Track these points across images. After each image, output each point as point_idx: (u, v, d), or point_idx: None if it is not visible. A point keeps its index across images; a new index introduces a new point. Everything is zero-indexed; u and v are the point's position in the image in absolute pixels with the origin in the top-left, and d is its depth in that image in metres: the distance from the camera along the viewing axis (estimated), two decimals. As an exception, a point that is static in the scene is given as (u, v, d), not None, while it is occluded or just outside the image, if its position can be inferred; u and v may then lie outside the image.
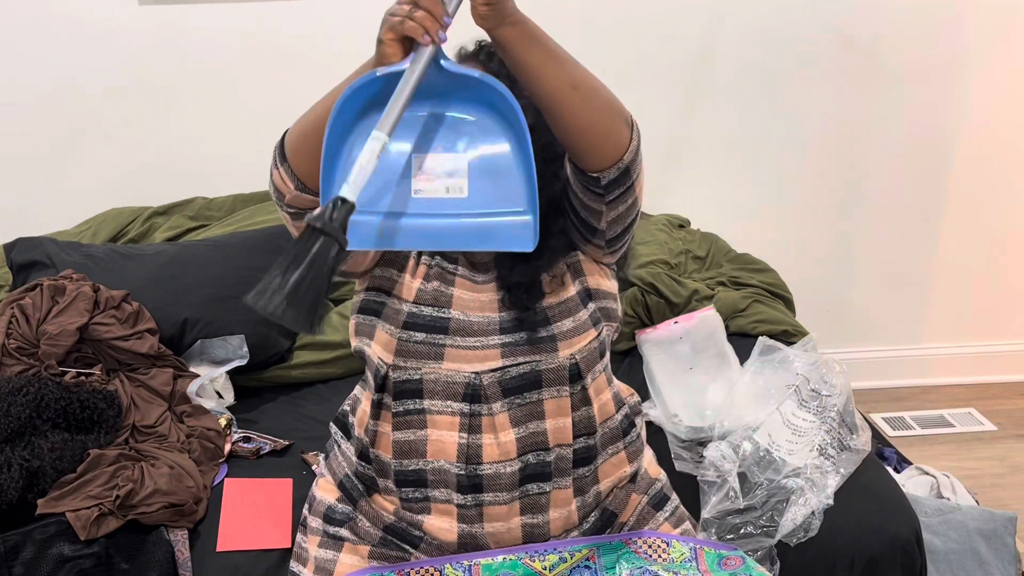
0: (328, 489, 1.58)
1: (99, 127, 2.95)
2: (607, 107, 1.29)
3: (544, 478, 1.46)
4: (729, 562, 1.52)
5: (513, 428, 1.43)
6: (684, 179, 3.18)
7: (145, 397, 2.07)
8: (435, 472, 1.45)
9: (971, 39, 3.15)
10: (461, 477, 1.44)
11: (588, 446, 1.50)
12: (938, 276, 3.43)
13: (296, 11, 2.91)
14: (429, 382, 1.44)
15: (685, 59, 3.06)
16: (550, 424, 1.45)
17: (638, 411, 1.65)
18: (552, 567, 1.45)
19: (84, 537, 1.68)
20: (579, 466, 1.49)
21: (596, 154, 1.30)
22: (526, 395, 1.44)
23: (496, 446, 1.43)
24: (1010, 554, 2.20)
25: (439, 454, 1.44)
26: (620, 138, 1.30)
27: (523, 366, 1.44)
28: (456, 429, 1.43)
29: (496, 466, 1.43)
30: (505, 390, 1.43)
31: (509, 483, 1.44)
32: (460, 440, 1.43)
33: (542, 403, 1.45)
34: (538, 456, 1.45)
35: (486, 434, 1.44)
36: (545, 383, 1.45)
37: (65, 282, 2.21)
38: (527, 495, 1.46)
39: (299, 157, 1.35)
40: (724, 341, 2.25)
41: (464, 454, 1.43)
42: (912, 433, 3.18)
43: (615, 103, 1.30)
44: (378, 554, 1.49)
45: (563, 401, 1.46)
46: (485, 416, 1.44)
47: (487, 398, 1.43)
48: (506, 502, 1.45)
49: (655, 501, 1.60)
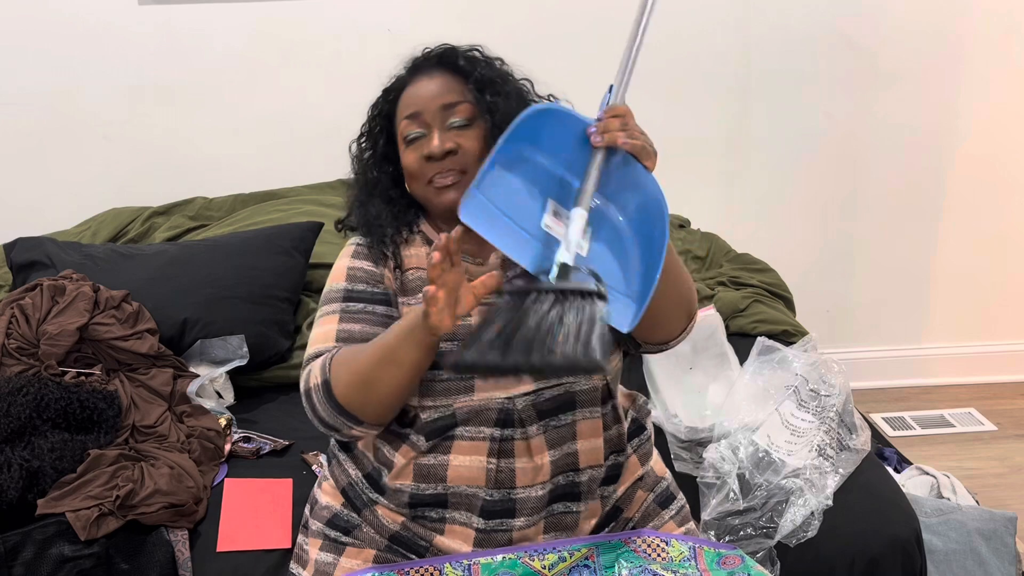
0: (332, 494, 1.57)
1: (99, 127, 2.96)
2: (679, 299, 1.43)
3: (573, 498, 1.47)
4: (728, 561, 1.52)
5: (549, 450, 1.43)
6: (684, 179, 3.17)
7: (145, 397, 2.07)
8: (457, 496, 1.44)
9: (971, 39, 3.15)
10: (490, 503, 1.43)
11: (618, 463, 1.52)
12: (938, 276, 3.43)
13: (296, 11, 2.92)
14: (462, 414, 1.43)
15: (685, 59, 3.07)
16: (582, 445, 1.46)
17: (647, 412, 1.65)
18: (551, 566, 1.45)
19: (84, 537, 1.68)
20: (607, 484, 1.51)
21: (648, 332, 1.45)
22: (561, 417, 1.44)
23: (532, 469, 1.43)
24: (1010, 554, 2.20)
25: (461, 479, 1.43)
26: (676, 329, 1.46)
27: (556, 388, 1.44)
28: (484, 455, 1.42)
29: (528, 489, 1.43)
30: (540, 412, 1.43)
31: (537, 505, 1.44)
32: (489, 465, 1.42)
33: (575, 424, 1.45)
34: (568, 477, 1.45)
35: (519, 458, 1.43)
36: (579, 404, 1.46)
37: (65, 282, 2.21)
38: (552, 514, 1.46)
39: (370, 408, 1.38)
40: (724, 341, 2.26)
41: (494, 479, 1.42)
42: (912, 433, 3.18)
43: (689, 297, 1.45)
44: (382, 558, 1.49)
45: (596, 422, 1.47)
46: (518, 440, 1.43)
47: (522, 422, 1.42)
48: (533, 524, 1.45)
49: (661, 499, 1.60)
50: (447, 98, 1.45)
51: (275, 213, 2.79)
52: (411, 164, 1.47)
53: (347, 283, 1.49)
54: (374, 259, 1.50)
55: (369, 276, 1.49)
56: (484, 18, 2.98)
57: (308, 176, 2.95)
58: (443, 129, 1.45)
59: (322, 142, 2.74)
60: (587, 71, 3.10)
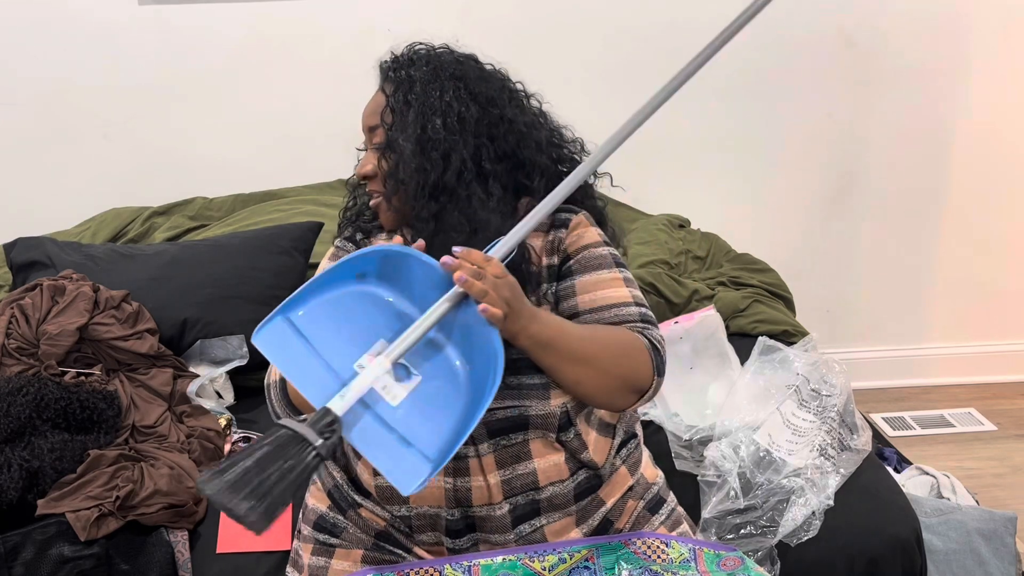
0: (319, 497, 1.57)
1: (99, 127, 2.96)
2: (618, 383, 1.37)
3: (535, 515, 1.45)
4: (728, 562, 1.52)
5: (499, 470, 1.41)
6: (684, 179, 3.18)
7: (145, 397, 2.07)
8: (421, 517, 1.43)
9: (971, 39, 3.15)
10: (453, 522, 1.42)
11: (590, 476, 1.49)
12: (938, 276, 3.43)
13: (295, 11, 2.92)
14: None
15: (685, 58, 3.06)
16: (540, 463, 1.43)
17: (636, 419, 1.63)
18: (551, 567, 1.45)
19: (84, 538, 1.68)
20: (581, 498, 1.48)
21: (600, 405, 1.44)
22: (511, 436, 1.42)
23: (485, 488, 1.41)
24: (1010, 554, 2.20)
25: (423, 500, 1.42)
26: (623, 403, 1.41)
27: (510, 409, 1.41)
28: (441, 473, 1.40)
29: (486, 508, 1.42)
30: (491, 431, 1.41)
31: (501, 525, 1.43)
32: (446, 484, 1.41)
33: (528, 443, 1.43)
34: (528, 496, 1.43)
35: (474, 476, 1.41)
36: (532, 426, 1.42)
37: (65, 282, 2.21)
38: (522, 535, 1.45)
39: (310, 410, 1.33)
40: (724, 341, 2.25)
41: (453, 498, 1.41)
42: (912, 433, 3.18)
43: (628, 378, 1.37)
44: (371, 558, 1.49)
45: (551, 443, 1.44)
46: (472, 458, 1.41)
47: (473, 440, 1.40)
48: (504, 542, 1.44)
49: (651, 505, 1.58)
50: (371, 120, 1.48)
51: (275, 213, 2.79)
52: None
53: None
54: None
55: None
56: (484, 18, 2.98)
57: (308, 176, 2.95)
58: (372, 149, 1.49)
59: (322, 142, 2.75)
60: (587, 71, 3.11)
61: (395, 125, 1.43)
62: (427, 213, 1.40)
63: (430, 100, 1.42)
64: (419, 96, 1.43)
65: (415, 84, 1.44)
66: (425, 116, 1.42)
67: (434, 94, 1.43)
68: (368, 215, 1.57)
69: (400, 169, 1.41)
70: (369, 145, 1.50)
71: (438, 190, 1.40)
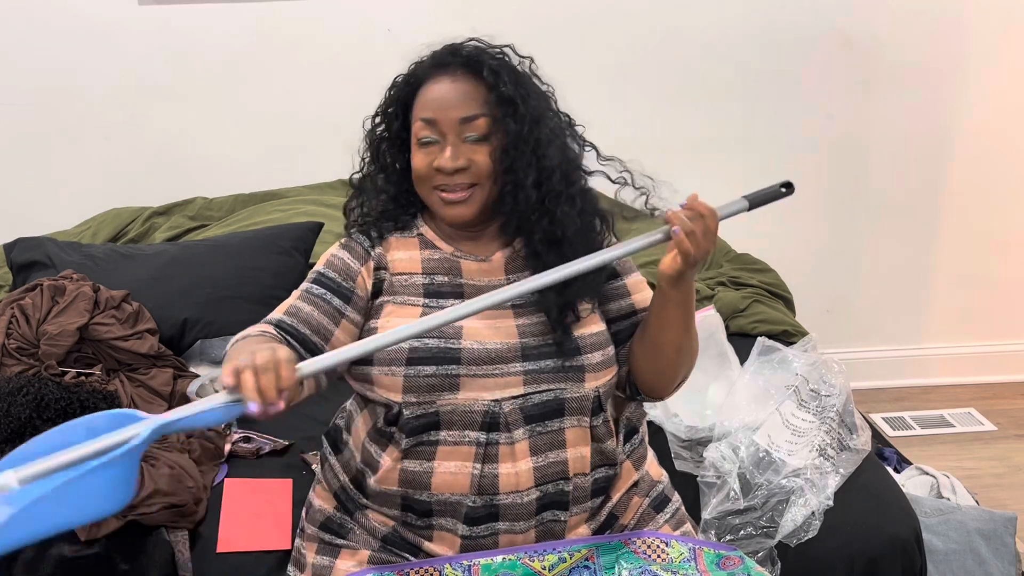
0: (325, 497, 1.56)
1: (99, 127, 2.96)
2: (684, 372, 1.51)
3: (562, 507, 1.45)
4: (728, 562, 1.52)
5: (532, 456, 1.41)
6: (684, 179, 3.16)
7: (145, 397, 2.07)
8: (441, 504, 1.42)
9: (971, 39, 3.15)
10: (474, 509, 1.41)
11: (608, 476, 1.50)
12: (938, 276, 3.43)
13: (296, 11, 2.92)
14: (446, 413, 1.40)
15: (685, 58, 3.07)
16: (571, 453, 1.44)
17: (642, 415, 1.64)
18: (551, 567, 1.45)
19: (84, 537, 1.68)
20: (596, 495, 1.49)
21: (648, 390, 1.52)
22: (548, 423, 1.42)
23: (514, 475, 1.40)
24: (1010, 554, 2.20)
25: (446, 487, 1.41)
26: (669, 389, 1.52)
27: (546, 393, 1.42)
28: (470, 460, 1.40)
29: (512, 496, 1.41)
30: (527, 417, 1.41)
31: (526, 512, 1.42)
32: (473, 471, 1.40)
33: (563, 432, 1.43)
34: (557, 486, 1.43)
35: (503, 463, 1.40)
36: (568, 411, 1.43)
37: (65, 282, 2.21)
38: (543, 523, 1.45)
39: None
40: (724, 341, 2.25)
41: (477, 485, 1.40)
42: (912, 433, 3.18)
43: (689, 369, 1.52)
44: (376, 559, 1.49)
45: (584, 431, 1.45)
46: (503, 445, 1.40)
47: (507, 426, 1.40)
48: (522, 531, 1.43)
49: (656, 503, 1.59)
50: (466, 110, 1.41)
51: (275, 213, 2.79)
52: (420, 167, 1.44)
53: (323, 267, 1.50)
54: (356, 255, 1.50)
55: (344, 269, 1.48)
56: (485, 18, 2.97)
57: (308, 176, 2.95)
58: (458, 142, 1.41)
59: (322, 142, 2.74)
60: (587, 70, 3.11)
61: (513, 116, 1.40)
62: (538, 206, 1.42)
63: (535, 94, 1.46)
64: (526, 89, 1.44)
65: (519, 76, 1.45)
66: (539, 110, 1.44)
67: (536, 89, 1.47)
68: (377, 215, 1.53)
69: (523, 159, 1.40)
70: (452, 139, 1.41)
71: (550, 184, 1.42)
